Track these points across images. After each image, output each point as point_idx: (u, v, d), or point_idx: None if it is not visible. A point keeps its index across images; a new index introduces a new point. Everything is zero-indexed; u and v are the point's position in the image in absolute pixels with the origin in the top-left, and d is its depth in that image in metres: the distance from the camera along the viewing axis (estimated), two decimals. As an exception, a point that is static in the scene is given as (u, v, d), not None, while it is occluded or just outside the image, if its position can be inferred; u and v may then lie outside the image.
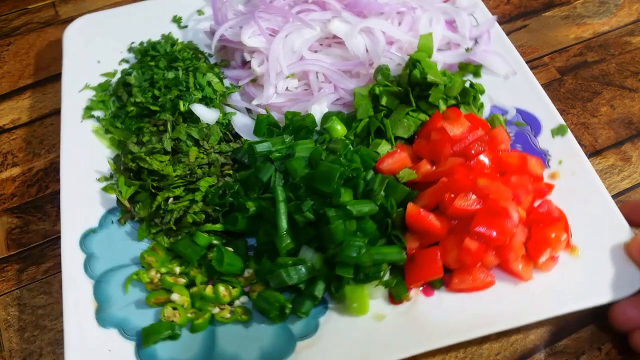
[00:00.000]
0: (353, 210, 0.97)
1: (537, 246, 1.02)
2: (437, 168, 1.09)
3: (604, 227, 1.07)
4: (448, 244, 1.01)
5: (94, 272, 1.03)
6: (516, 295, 1.01)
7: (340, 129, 1.18)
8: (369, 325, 0.98)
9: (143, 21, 1.42)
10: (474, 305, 1.00)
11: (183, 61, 1.26)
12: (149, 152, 1.11)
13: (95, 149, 1.20)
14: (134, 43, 1.39)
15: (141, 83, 1.23)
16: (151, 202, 1.08)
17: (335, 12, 1.33)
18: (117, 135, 1.20)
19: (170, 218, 1.06)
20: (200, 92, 1.23)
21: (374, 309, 1.00)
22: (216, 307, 1.01)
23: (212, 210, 1.08)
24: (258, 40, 1.27)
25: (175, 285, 1.01)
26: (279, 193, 1.03)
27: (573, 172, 1.14)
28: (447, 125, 1.10)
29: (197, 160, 1.10)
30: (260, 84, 1.30)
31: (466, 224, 1.01)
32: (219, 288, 1.01)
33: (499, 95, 1.27)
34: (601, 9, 1.53)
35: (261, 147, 1.11)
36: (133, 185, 1.10)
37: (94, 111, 1.25)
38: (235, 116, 1.24)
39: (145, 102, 1.21)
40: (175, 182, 1.07)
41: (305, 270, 0.99)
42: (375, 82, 1.24)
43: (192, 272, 1.05)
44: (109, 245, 1.07)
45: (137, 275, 1.03)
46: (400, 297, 1.00)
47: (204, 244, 1.05)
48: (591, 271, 1.02)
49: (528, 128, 1.22)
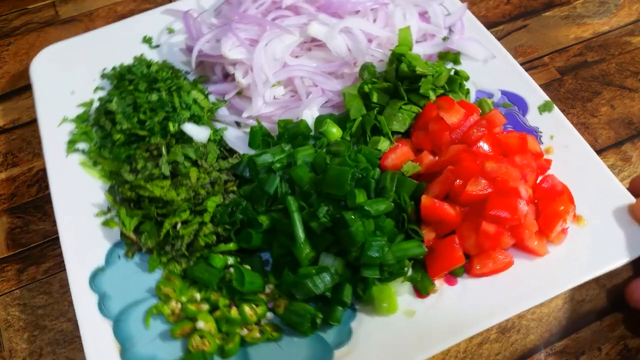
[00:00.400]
0: (371, 210, 0.97)
1: (548, 221, 1.05)
2: (440, 157, 1.10)
3: (604, 194, 1.10)
4: (464, 231, 1.02)
5: (110, 312, 0.99)
6: (536, 271, 1.03)
7: (336, 132, 1.18)
8: (401, 323, 0.98)
9: (112, 45, 1.37)
10: (499, 287, 1.01)
11: (164, 81, 1.22)
12: (147, 179, 1.07)
13: (86, 183, 1.15)
14: (106, 69, 1.34)
15: (124, 109, 1.19)
16: (158, 231, 1.04)
17: (310, 16, 1.32)
18: (108, 166, 1.15)
19: (181, 244, 1.03)
20: (188, 111, 1.19)
21: (403, 306, 1.00)
22: (244, 329, 0.98)
23: (223, 229, 1.05)
24: (239, 51, 1.25)
25: (200, 312, 0.98)
26: (291, 203, 1.01)
27: (566, 145, 1.17)
28: (444, 114, 1.12)
29: (199, 181, 1.07)
30: (246, 95, 1.28)
31: (478, 209, 1.02)
32: (244, 308, 0.98)
33: (482, 80, 1.29)
34: (601, 9, 1.54)
35: (262, 159, 1.10)
36: (135, 215, 1.06)
37: (78, 144, 1.20)
38: (227, 131, 1.22)
39: (132, 128, 1.16)
40: (181, 206, 1.04)
41: (330, 278, 0.97)
42: (362, 81, 1.24)
43: (213, 296, 1.02)
44: (121, 282, 1.03)
45: (157, 309, 0.99)
46: (427, 290, 1.01)
47: (220, 266, 1.02)
48: (600, 238, 1.06)
49: (515, 108, 1.25)
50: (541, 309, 1.09)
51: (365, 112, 1.19)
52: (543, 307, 1.10)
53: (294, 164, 1.10)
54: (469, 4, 1.47)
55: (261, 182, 1.08)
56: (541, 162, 1.11)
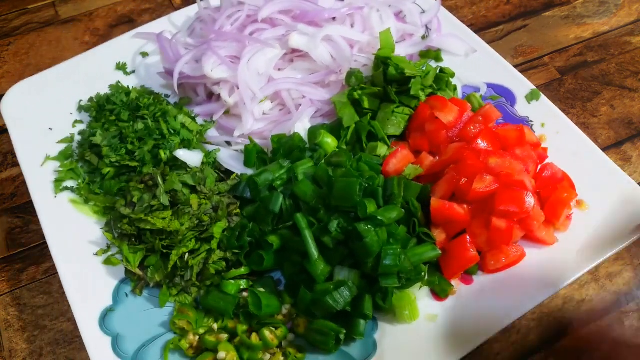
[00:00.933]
0: (384, 219, 0.96)
1: (554, 209, 1.06)
2: (441, 157, 1.10)
3: (601, 176, 1.13)
4: (475, 229, 1.03)
5: (126, 353, 0.95)
6: (548, 260, 1.04)
7: (331, 142, 1.16)
8: (425, 328, 0.97)
9: (85, 75, 1.32)
10: (515, 281, 1.02)
11: (147, 108, 1.18)
12: (146, 211, 1.03)
13: (80, 222, 1.10)
14: (83, 100, 1.29)
15: (110, 141, 1.14)
16: (165, 264, 1.01)
17: (288, 27, 1.30)
18: (101, 201, 1.10)
19: (191, 274, 1.00)
20: (177, 136, 1.16)
21: (424, 311, 0.99)
22: (267, 354, 0.96)
23: (231, 254, 1.03)
24: (221, 70, 1.22)
25: (219, 342, 0.95)
26: (301, 220, 0.99)
27: (557, 131, 1.19)
28: (439, 114, 1.11)
29: (201, 207, 1.04)
30: (233, 114, 1.25)
31: (485, 205, 1.02)
32: (264, 333, 0.96)
33: (467, 75, 1.30)
34: (601, 9, 1.55)
35: (263, 178, 1.07)
36: (139, 250, 1.02)
37: (65, 182, 1.15)
38: (220, 152, 1.19)
39: (122, 160, 1.12)
40: (187, 236, 1.00)
41: (348, 292, 0.96)
42: (350, 87, 1.23)
43: (230, 324, 0.99)
44: (132, 320, 0.99)
45: (174, 344, 0.95)
46: (446, 293, 1.00)
47: (234, 292, 1.00)
48: (604, 219, 1.07)
49: (503, 100, 1.26)
50: (541, 309, 1.10)
51: (358, 118, 1.18)
52: (543, 307, 1.10)
53: (294, 180, 1.08)
54: (469, 4, 1.48)
55: (265, 202, 1.05)
56: (539, 152, 1.12)
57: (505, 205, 0.99)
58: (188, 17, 1.41)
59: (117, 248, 1.06)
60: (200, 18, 1.38)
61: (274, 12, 1.31)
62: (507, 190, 1.00)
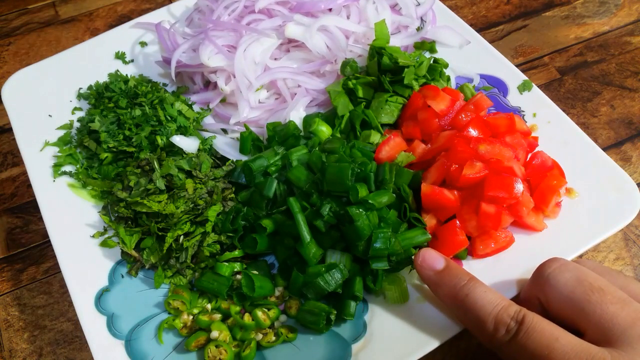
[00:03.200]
0: (375, 203, 0.98)
1: (543, 196, 1.07)
2: (432, 145, 1.12)
3: (590, 165, 1.14)
4: (465, 214, 1.04)
5: (121, 332, 0.97)
6: (536, 246, 1.06)
7: (325, 130, 1.18)
8: (414, 310, 0.99)
9: (84, 64, 1.34)
10: (503, 265, 1.04)
11: (144, 96, 1.20)
12: (142, 195, 1.05)
13: (77, 205, 1.12)
14: (82, 89, 1.31)
15: (108, 127, 1.16)
16: (160, 246, 1.03)
17: (284, 17, 1.32)
18: (98, 186, 1.13)
19: (186, 256, 1.02)
20: (174, 123, 1.18)
21: (413, 294, 1.01)
22: (259, 334, 0.98)
23: (225, 237, 1.05)
24: (218, 58, 1.24)
25: (213, 322, 0.97)
26: (294, 204, 1.01)
27: (548, 121, 1.21)
28: (431, 102, 1.13)
29: (196, 192, 1.06)
30: (229, 102, 1.27)
31: (476, 191, 1.04)
32: (257, 313, 0.98)
33: (460, 66, 1.32)
34: (601, 9, 1.55)
35: (258, 163, 1.09)
36: (135, 232, 1.04)
37: (64, 167, 1.17)
38: (216, 139, 1.21)
39: (119, 146, 1.14)
40: (182, 219, 1.02)
41: (340, 274, 0.98)
42: (345, 77, 1.25)
43: (223, 304, 1.01)
44: (127, 300, 1.01)
45: (168, 323, 0.97)
46: (435, 276, 1.02)
47: (228, 274, 1.02)
48: (593, 207, 1.09)
49: (496, 90, 1.27)
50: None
51: (352, 107, 1.20)
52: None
53: (289, 166, 1.10)
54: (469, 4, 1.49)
55: (259, 187, 1.08)
56: (529, 140, 1.14)
57: (494, 190, 1.01)
58: (186, 8, 1.44)
59: (113, 231, 1.08)
60: (198, 8, 1.40)
61: (270, 2, 1.34)
62: (497, 177, 1.02)
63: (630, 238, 1.17)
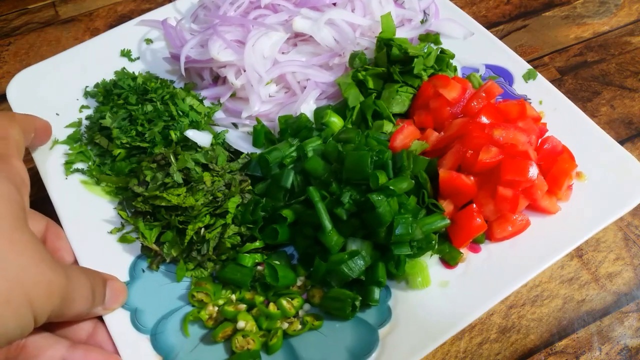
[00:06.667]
0: (396, 189, 0.99)
1: (556, 179, 1.09)
2: (446, 132, 1.13)
3: (598, 149, 1.17)
4: (482, 199, 1.06)
5: (145, 326, 0.96)
6: (551, 228, 1.08)
7: (337, 121, 1.19)
8: (437, 294, 1.00)
9: (90, 62, 1.33)
10: (520, 248, 1.05)
11: (154, 92, 1.20)
12: (159, 189, 1.05)
13: (92, 202, 1.11)
14: (89, 87, 1.30)
15: (119, 123, 1.15)
16: (181, 239, 1.02)
17: (290, 12, 1.33)
18: (113, 182, 1.12)
19: (208, 248, 1.01)
20: (187, 118, 1.18)
21: (435, 278, 1.02)
22: (285, 323, 0.98)
23: (245, 229, 1.05)
24: (228, 53, 1.24)
25: (239, 312, 0.97)
26: (314, 193, 1.01)
27: (555, 108, 1.23)
28: (443, 91, 1.15)
29: (214, 184, 1.06)
30: (239, 97, 1.27)
31: (491, 176, 1.06)
32: (282, 302, 0.98)
33: (466, 57, 1.34)
34: (601, 9, 1.55)
35: (274, 155, 1.10)
36: (155, 227, 1.03)
37: (75, 164, 1.16)
38: (229, 133, 1.21)
39: (132, 141, 1.13)
40: (202, 211, 1.02)
41: (362, 261, 0.99)
42: (354, 69, 1.26)
43: (247, 295, 1.01)
44: (150, 294, 1.00)
45: (193, 315, 0.97)
46: (456, 260, 1.03)
47: (251, 265, 1.02)
48: (602, 190, 1.11)
49: (502, 79, 1.30)
50: (541, 309, 1.12)
51: (362, 98, 1.21)
52: (543, 307, 1.12)
53: (304, 157, 1.11)
54: (469, 4, 1.50)
55: (276, 178, 1.08)
56: (539, 126, 1.16)
57: (511, 174, 1.03)
58: (191, 4, 1.43)
59: (131, 226, 1.07)
60: (203, 5, 1.40)
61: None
62: (513, 160, 1.04)
63: (630, 238, 1.17)
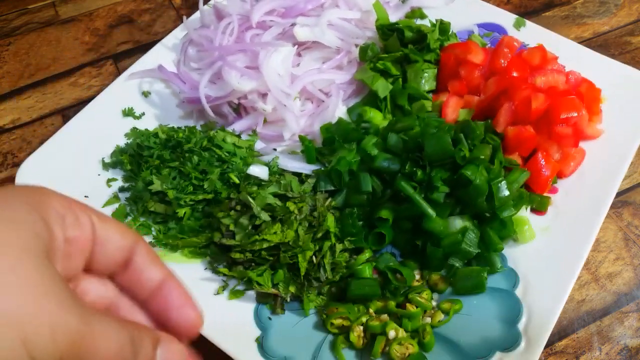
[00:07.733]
0: (484, 156, 1.02)
1: (591, 106, 1.19)
2: (485, 94, 1.18)
3: (605, 72, 1.27)
4: (543, 143, 1.12)
5: (302, 368, 0.93)
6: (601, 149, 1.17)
7: (377, 115, 1.20)
8: (545, 241, 1.05)
9: (93, 132, 1.22)
10: (586, 175, 1.14)
11: (188, 141, 1.14)
12: (250, 234, 1.01)
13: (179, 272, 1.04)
14: (105, 158, 1.20)
15: (172, 183, 1.09)
16: (295, 274, 0.99)
17: (281, 25, 1.31)
18: (195, 243, 1.05)
19: (326, 272, 0.99)
20: (236, 157, 1.13)
21: (536, 228, 1.07)
22: (426, 318, 0.99)
23: (349, 243, 1.04)
24: (246, 81, 1.20)
25: (387, 323, 0.96)
26: (406, 187, 1.02)
27: (557, 49, 1.32)
28: (471, 56, 1.20)
29: (303, 211, 1.03)
30: (270, 121, 1.24)
31: (544, 121, 1.13)
32: (418, 300, 0.98)
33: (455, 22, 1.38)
34: (601, 9, 1.54)
35: (343, 164, 1.09)
36: (264, 271, 1.00)
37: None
38: (279, 159, 1.18)
39: (196, 197, 1.07)
40: (306, 240, 1.00)
41: (474, 235, 1.02)
42: (367, 62, 1.27)
43: (378, 304, 1.00)
44: (289, 339, 0.96)
45: (342, 341, 0.95)
46: (546, 205, 1.09)
47: (370, 274, 1.01)
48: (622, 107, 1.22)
49: (496, 34, 1.37)
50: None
51: (391, 87, 1.23)
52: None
53: (368, 157, 1.11)
54: None
55: (356, 185, 1.07)
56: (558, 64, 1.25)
57: (565, 112, 1.10)
58: (173, 45, 1.36)
59: (234, 280, 1.02)
60: (189, 41, 1.34)
61: (261, 15, 1.31)
62: (562, 100, 1.11)
63: (630, 238, 1.18)
